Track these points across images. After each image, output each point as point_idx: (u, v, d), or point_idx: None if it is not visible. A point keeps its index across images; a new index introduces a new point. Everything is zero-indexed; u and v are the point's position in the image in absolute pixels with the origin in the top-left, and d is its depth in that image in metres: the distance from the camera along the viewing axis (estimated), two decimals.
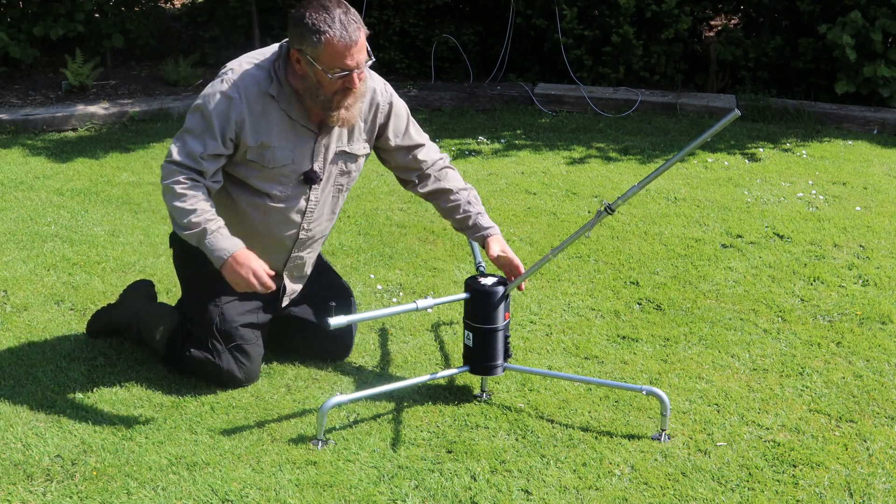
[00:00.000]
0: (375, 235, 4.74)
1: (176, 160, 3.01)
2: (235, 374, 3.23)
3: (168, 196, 3.02)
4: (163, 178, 3.04)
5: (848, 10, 7.24)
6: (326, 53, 2.90)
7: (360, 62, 2.95)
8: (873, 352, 3.62)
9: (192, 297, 3.33)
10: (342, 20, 2.90)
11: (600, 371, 3.47)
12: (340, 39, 2.88)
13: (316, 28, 2.88)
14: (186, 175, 3.00)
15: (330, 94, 2.99)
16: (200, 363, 3.24)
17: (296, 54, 2.97)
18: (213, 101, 3.04)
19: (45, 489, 2.73)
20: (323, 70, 2.93)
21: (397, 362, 3.51)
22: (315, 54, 2.91)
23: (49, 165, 5.83)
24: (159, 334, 3.37)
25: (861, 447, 3.00)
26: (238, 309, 3.25)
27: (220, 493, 2.72)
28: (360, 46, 2.94)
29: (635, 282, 4.22)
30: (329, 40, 2.88)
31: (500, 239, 3.28)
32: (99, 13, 7.87)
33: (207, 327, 3.23)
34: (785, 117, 7.22)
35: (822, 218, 5.06)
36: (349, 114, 3.04)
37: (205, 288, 3.25)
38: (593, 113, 7.38)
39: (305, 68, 2.98)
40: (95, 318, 3.60)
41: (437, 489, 2.76)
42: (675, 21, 7.68)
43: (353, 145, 3.23)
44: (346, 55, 2.91)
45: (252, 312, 3.28)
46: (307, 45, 2.92)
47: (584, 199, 5.37)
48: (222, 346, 3.22)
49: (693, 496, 2.75)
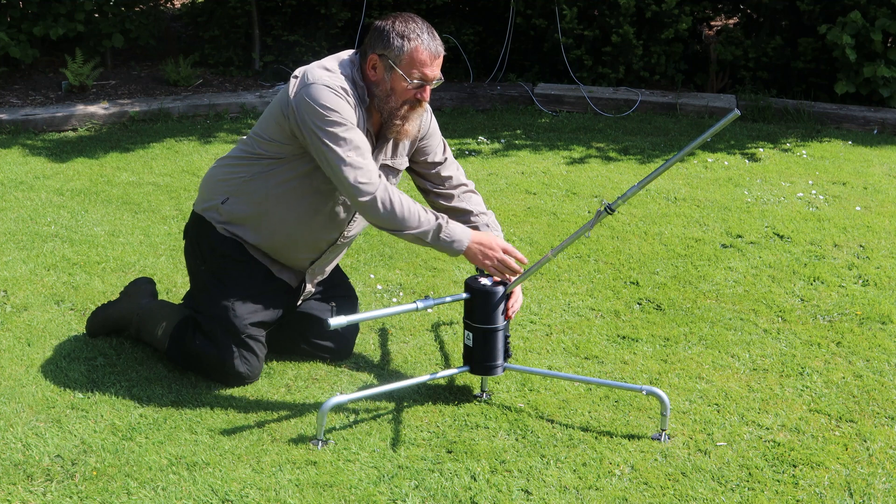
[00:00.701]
0: (375, 235, 4.74)
1: (364, 180, 2.98)
2: (239, 371, 3.23)
3: (384, 210, 3.00)
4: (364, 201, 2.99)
5: (848, 10, 7.24)
6: (411, 59, 3.01)
7: (436, 77, 3.08)
8: (873, 352, 3.62)
9: (204, 291, 3.32)
10: (430, 33, 3.05)
11: (600, 371, 3.47)
12: (427, 48, 3.02)
13: (405, 35, 3.01)
14: (379, 182, 3.01)
15: (399, 104, 3.07)
16: (205, 356, 3.24)
17: (374, 60, 3.05)
18: (338, 104, 3.00)
19: (45, 489, 2.73)
20: (403, 75, 3.02)
21: (397, 362, 3.51)
22: (399, 59, 3.01)
23: (49, 165, 5.83)
24: (161, 330, 3.37)
25: (861, 447, 3.00)
26: (250, 307, 3.25)
27: (220, 493, 2.72)
28: (440, 62, 3.07)
29: (635, 282, 4.23)
30: (417, 47, 3.01)
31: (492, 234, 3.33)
32: (99, 13, 7.87)
33: (218, 322, 3.23)
34: (785, 117, 7.23)
35: (822, 218, 5.06)
36: (409, 127, 3.13)
37: (214, 282, 3.26)
38: (593, 113, 7.38)
39: (382, 74, 3.05)
40: (95, 315, 3.61)
41: (437, 489, 2.76)
42: (675, 21, 7.69)
43: (396, 160, 3.29)
44: (429, 64, 3.04)
45: (263, 311, 3.28)
46: (392, 49, 3.01)
47: (584, 199, 5.37)
48: (230, 342, 3.22)
49: (693, 496, 2.75)
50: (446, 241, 3.07)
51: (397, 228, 3.04)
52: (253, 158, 3.21)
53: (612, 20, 7.67)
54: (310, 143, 3.03)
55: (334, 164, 2.98)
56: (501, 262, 3.11)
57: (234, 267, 3.25)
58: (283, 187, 3.17)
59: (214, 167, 3.36)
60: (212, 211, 3.28)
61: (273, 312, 3.31)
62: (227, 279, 3.25)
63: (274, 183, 3.17)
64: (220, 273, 3.26)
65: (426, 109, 3.22)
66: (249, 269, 3.27)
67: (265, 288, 3.28)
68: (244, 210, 3.23)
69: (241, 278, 3.25)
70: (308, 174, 3.15)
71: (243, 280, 3.25)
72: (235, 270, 3.25)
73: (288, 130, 3.09)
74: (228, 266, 3.25)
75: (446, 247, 3.09)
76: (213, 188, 3.30)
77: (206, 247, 3.30)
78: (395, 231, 3.05)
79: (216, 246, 3.27)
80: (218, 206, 3.26)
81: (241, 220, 3.24)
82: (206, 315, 3.27)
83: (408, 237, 3.05)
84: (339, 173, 2.99)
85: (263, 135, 3.17)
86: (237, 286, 3.24)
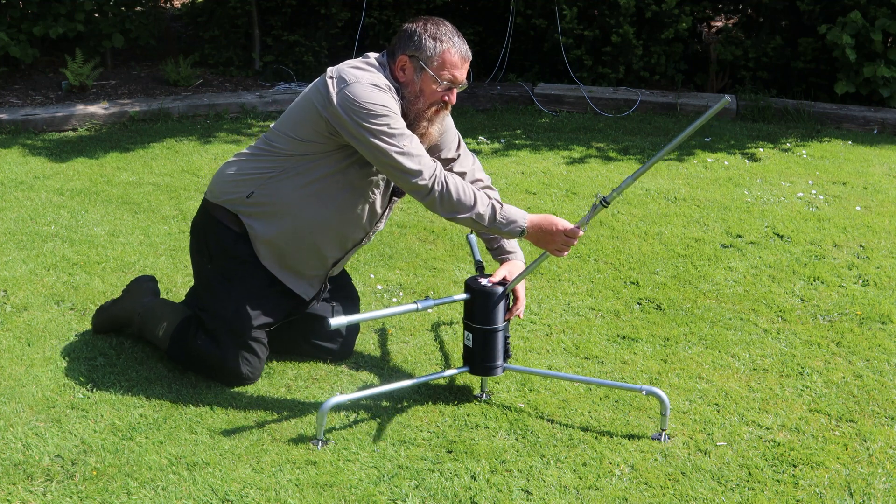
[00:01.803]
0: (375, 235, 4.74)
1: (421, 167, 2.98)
2: (240, 372, 3.23)
3: (443, 194, 2.99)
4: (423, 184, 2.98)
5: (848, 10, 7.24)
6: (442, 60, 3.06)
7: (464, 80, 3.12)
8: (873, 352, 3.62)
9: (208, 289, 3.31)
10: (460, 37, 3.12)
11: (600, 371, 3.47)
12: (458, 51, 3.08)
13: (437, 37, 3.06)
14: (435, 166, 3.01)
15: (427, 105, 3.10)
16: (207, 356, 3.24)
17: (404, 61, 3.08)
18: (383, 98, 3.01)
19: (45, 489, 2.73)
20: (433, 76, 3.05)
21: (397, 362, 3.51)
22: (429, 60, 3.05)
23: (49, 165, 5.83)
24: (162, 330, 3.37)
25: (861, 447, 3.00)
26: (255, 309, 3.23)
27: (220, 493, 2.72)
28: (468, 67, 3.13)
29: (635, 282, 4.23)
30: (448, 49, 3.06)
31: (512, 266, 3.33)
32: (99, 13, 7.87)
33: (221, 321, 3.22)
34: (785, 117, 7.23)
35: (822, 218, 5.06)
36: (433, 128, 3.15)
37: (223, 282, 3.25)
38: (593, 113, 7.38)
39: (412, 75, 3.08)
40: (99, 313, 3.61)
41: (437, 489, 2.76)
42: (675, 21, 7.69)
43: None
44: (459, 67, 3.09)
45: (267, 314, 3.27)
46: (422, 51, 3.05)
47: (584, 198, 5.37)
48: (232, 343, 3.21)
49: (693, 496, 2.76)
50: (503, 224, 3.06)
51: (455, 211, 3.02)
52: (279, 156, 3.17)
53: (612, 20, 7.67)
54: (358, 142, 3.01)
55: (392, 156, 2.98)
56: (565, 243, 3.04)
57: (241, 268, 3.24)
58: (318, 185, 3.15)
59: (232, 161, 3.30)
60: (235, 203, 3.22)
61: (278, 315, 3.30)
62: (233, 279, 3.24)
63: (308, 180, 3.15)
64: (226, 273, 3.25)
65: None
66: (256, 272, 3.25)
67: (271, 291, 3.27)
68: (272, 206, 3.18)
69: (247, 279, 3.24)
70: (343, 170, 3.14)
71: (249, 281, 3.24)
72: (242, 271, 3.24)
73: (325, 131, 3.08)
74: (235, 267, 3.24)
75: (505, 229, 3.08)
76: (235, 183, 3.23)
77: (214, 245, 3.28)
78: (453, 215, 3.03)
79: (227, 246, 3.24)
80: (242, 198, 3.20)
81: (268, 216, 3.19)
82: (209, 314, 3.26)
83: (465, 221, 3.04)
84: (397, 163, 2.98)
85: (294, 135, 3.14)
86: (243, 287, 3.23)
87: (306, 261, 3.27)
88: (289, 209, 3.18)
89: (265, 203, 3.19)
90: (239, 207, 3.23)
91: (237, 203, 3.22)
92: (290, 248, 3.23)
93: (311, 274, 3.31)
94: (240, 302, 3.22)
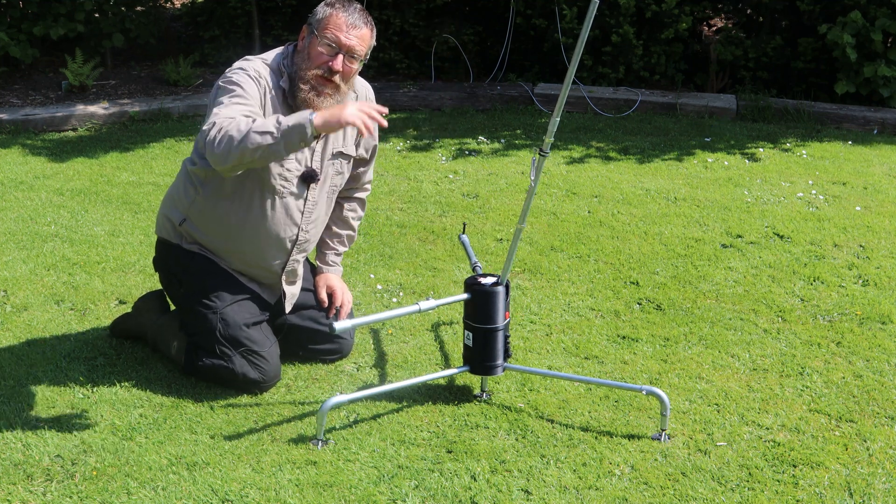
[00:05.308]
0: (375, 235, 4.74)
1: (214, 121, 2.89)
2: (250, 376, 3.22)
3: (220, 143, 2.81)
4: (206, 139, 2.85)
5: (848, 10, 7.24)
6: (327, 22, 3.09)
7: (351, 48, 3.09)
8: (873, 352, 3.62)
9: (189, 311, 3.33)
10: (356, 8, 3.12)
11: (600, 371, 3.47)
12: (344, 16, 3.09)
13: (330, 3, 3.12)
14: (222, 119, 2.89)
15: (311, 67, 3.09)
16: (216, 370, 3.24)
17: (304, 30, 3.16)
18: (241, 76, 3.07)
19: (45, 489, 2.73)
20: (318, 37, 3.09)
21: (397, 362, 3.51)
22: (318, 23, 3.10)
23: (49, 165, 5.83)
24: (174, 349, 3.38)
25: (861, 447, 3.00)
26: (238, 312, 3.25)
27: (220, 493, 2.72)
28: (359, 35, 3.10)
29: (635, 282, 4.23)
30: (335, 13, 3.09)
31: (330, 278, 3.48)
32: (99, 13, 7.87)
33: (211, 335, 3.23)
34: (785, 117, 7.22)
35: (822, 218, 5.06)
36: (319, 101, 3.08)
37: (197, 299, 3.26)
38: (593, 113, 7.38)
39: (304, 41, 3.14)
40: (115, 325, 3.63)
41: (437, 489, 2.76)
42: (675, 21, 7.68)
43: (347, 146, 3.33)
44: (343, 30, 3.08)
45: (252, 312, 3.28)
46: (315, 16, 3.13)
47: (583, 198, 5.36)
48: (231, 351, 3.22)
49: (693, 496, 2.76)
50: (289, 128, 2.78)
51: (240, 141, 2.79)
52: (190, 181, 3.26)
53: (612, 20, 7.67)
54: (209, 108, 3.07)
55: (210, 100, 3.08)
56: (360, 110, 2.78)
57: (210, 278, 3.27)
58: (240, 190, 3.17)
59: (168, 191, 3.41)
60: (174, 235, 3.31)
61: (263, 310, 3.33)
62: (208, 291, 3.25)
63: (232, 191, 3.17)
64: (199, 289, 3.26)
65: (347, 94, 3.17)
66: (227, 277, 3.28)
67: (246, 291, 3.30)
68: (204, 227, 3.25)
69: (220, 287, 3.26)
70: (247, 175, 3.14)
71: (223, 288, 3.26)
72: (213, 281, 3.26)
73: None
74: (205, 279, 3.26)
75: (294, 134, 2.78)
76: (168, 209, 3.34)
77: (177, 269, 3.33)
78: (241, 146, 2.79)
79: (187, 264, 3.29)
80: (176, 227, 3.29)
81: (204, 240, 3.27)
82: (202, 336, 3.27)
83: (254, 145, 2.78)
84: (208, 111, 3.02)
85: (194, 159, 3.25)
86: (218, 297, 3.25)
87: (253, 270, 3.31)
88: (218, 225, 3.23)
89: (196, 229, 3.26)
90: (178, 238, 3.30)
91: (174, 234, 3.31)
92: (234, 259, 3.28)
93: (266, 283, 3.36)
94: (222, 312, 3.24)
